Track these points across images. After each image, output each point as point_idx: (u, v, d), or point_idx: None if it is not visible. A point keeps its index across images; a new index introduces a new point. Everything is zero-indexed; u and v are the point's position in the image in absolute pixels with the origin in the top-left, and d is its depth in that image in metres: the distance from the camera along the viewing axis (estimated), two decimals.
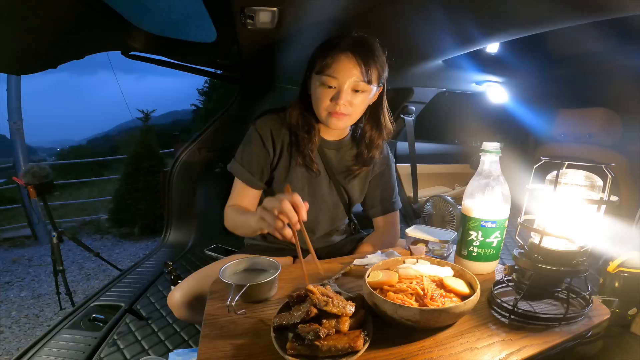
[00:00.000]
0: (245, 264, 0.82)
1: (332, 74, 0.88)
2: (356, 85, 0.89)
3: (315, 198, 1.05)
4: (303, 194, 1.03)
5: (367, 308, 0.63)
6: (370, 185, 1.11)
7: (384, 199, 1.12)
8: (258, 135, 1.00)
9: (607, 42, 1.77)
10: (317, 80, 0.91)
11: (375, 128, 1.03)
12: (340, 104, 0.89)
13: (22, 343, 2.21)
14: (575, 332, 0.62)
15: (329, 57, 0.88)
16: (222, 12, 1.16)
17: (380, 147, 1.06)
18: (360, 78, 0.88)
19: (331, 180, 1.07)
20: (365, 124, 1.04)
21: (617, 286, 0.79)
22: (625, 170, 1.94)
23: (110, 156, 9.01)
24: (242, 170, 1.01)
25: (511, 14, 1.11)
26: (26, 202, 4.07)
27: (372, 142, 1.04)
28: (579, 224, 0.68)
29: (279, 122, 1.01)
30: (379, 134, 1.04)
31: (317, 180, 1.05)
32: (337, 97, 0.89)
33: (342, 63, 0.88)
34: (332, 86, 0.90)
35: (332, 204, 1.09)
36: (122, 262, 3.51)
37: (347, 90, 0.89)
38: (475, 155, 0.87)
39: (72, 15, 1.05)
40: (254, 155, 1.00)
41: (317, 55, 0.92)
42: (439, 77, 2.11)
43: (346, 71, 0.88)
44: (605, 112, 2.16)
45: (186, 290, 0.92)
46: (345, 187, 1.08)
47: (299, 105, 1.00)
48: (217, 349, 0.58)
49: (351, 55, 0.88)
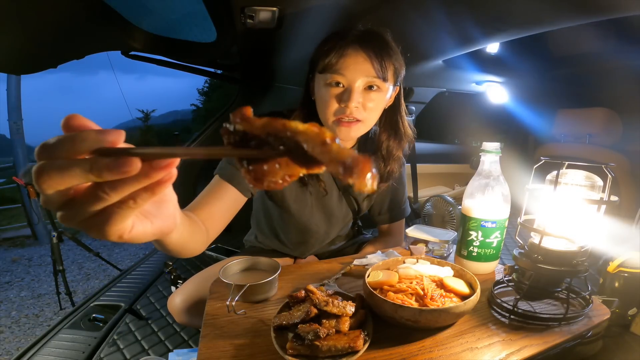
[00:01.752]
0: (245, 264, 0.82)
1: (338, 70, 0.74)
2: (369, 82, 0.75)
3: (326, 214, 0.98)
4: (313, 210, 0.96)
5: (367, 308, 0.63)
6: (380, 193, 1.01)
7: (392, 207, 1.04)
8: None
9: (607, 42, 1.78)
10: (321, 80, 0.77)
11: (394, 137, 0.88)
12: (352, 106, 0.74)
13: (22, 343, 2.21)
14: (575, 332, 0.62)
15: (334, 52, 0.74)
16: (222, 12, 1.16)
17: (399, 160, 0.91)
18: (372, 74, 0.74)
19: (341, 192, 0.97)
20: (382, 133, 0.88)
21: (617, 286, 0.79)
22: (625, 170, 1.94)
23: None
24: (228, 166, 0.80)
25: (511, 14, 1.11)
26: (26, 202, 4.07)
27: (390, 154, 0.88)
28: (579, 224, 0.68)
29: None
30: (399, 144, 0.88)
31: (327, 196, 0.96)
32: (347, 98, 0.74)
33: (350, 57, 0.74)
34: (339, 83, 0.75)
35: (342, 215, 1.01)
36: (122, 262, 3.51)
37: (359, 89, 0.75)
38: (475, 155, 0.87)
39: (72, 15, 1.05)
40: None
41: (320, 51, 0.78)
42: (439, 77, 2.11)
43: (355, 66, 0.73)
44: (605, 112, 2.16)
45: (186, 294, 0.90)
46: (356, 198, 0.99)
47: (302, 113, 0.85)
48: (217, 349, 0.58)
49: (360, 49, 0.74)
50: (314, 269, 0.88)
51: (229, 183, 0.79)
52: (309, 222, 0.98)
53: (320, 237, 1.03)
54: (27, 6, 0.94)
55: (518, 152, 2.64)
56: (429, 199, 1.72)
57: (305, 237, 1.02)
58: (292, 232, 1.02)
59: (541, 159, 0.71)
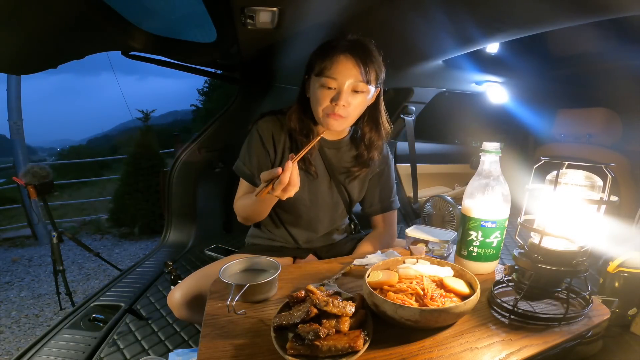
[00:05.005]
0: (245, 264, 0.82)
1: (331, 75, 0.89)
2: (355, 85, 0.90)
3: (316, 197, 1.07)
4: (304, 193, 1.05)
5: (367, 308, 0.63)
6: (369, 184, 1.12)
7: (382, 198, 1.13)
8: (258, 136, 1.02)
9: (607, 42, 1.77)
10: (316, 82, 0.92)
11: (375, 129, 1.04)
12: (340, 104, 0.90)
13: (22, 343, 2.21)
14: (575, 332, 0.62)
15: (328, 59, 0.90)
16: (222, 12, 1.16)
17: (379, 148, 1.07)
18: (359, 78, 0.90)
19: (331, 180, 1.08)
20: (365, 126, 1.05)
21: (617, 286, 0.79)
22: (625, 170, 1.94)
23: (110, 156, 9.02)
24: (245, 169, 1.03)
25: (511, 14, 1.11)
26: (26, 202, 4.07)
27: (371, 144, 1.05)
28: (578, 224, 0.68)
29: (279, 125, 1.03)
30: (378, 135, 1.05)
31: (317, 180, 1.06)
32: (337, 98, 0.90)
33: (342, 64, 0.89)
34: (331, 87, 0.91)
35: (333, 202, 1.10)
36: (122, 262, 3.51)
37: (347, 90, 0.90)
38: (475, 155, 0.87)
39: (72, 15, 1.06)
40: (255, 155, 1.02)
41: (315, 58, 0.94)
42: (439, 77, 2.11)
43: (345, 71, 0.89)
44: (605, 112, 2.16)
45: (186, 290, 0.92)
46: (345, 187, 1.09)
47: (298, 109, 1.01)
48: (217, 349, 0.58)
49: (350, 56, 0.89)
50: (314, 269, 0.88)
51: (251, 184, 1.03)
52: (296, 203, 1.06)
53: (310, 221, 1.09)
54: (27, 6, 0.94)
55: (518, 152, 2.64)
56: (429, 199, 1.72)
57: (297, 220, 1.10)
58: (282, 214, 1.11)
59: (541, 159, 0.71)
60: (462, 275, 0.69)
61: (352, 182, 1.09)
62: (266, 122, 1.03)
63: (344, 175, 1.08)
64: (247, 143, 1.05)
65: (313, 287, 0.64)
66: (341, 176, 1.08)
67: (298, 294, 0.63)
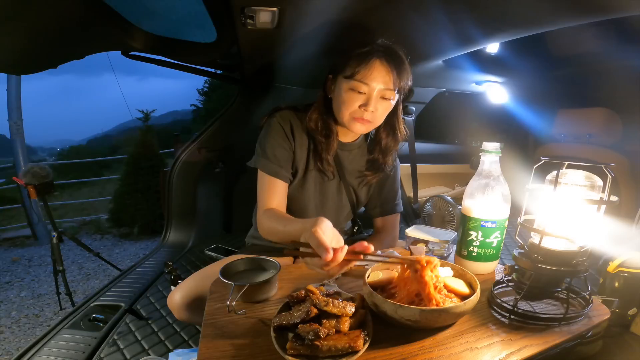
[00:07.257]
0: (245, 264, 0.82)
1: (363, 79, 0.88)
2: (384, 93, 0.89)
3: (326, 198, 1.06)
4: (315, 194, 1.04)
5: (367, 308, 0.63)
6: (375, 186, 1.12)
7: (386, 201, 1.12)
8: (280, 127, 0.98)
9: (607, 42, 1.77)
10: (345, 85, 0.91)
11: (392, 135, 1.04)
12: (369, 110, 0.89)
13: (22, 343, 2.21)
14: (575, 332, 0.62)
15: (363, 63, 0.88)
16: (222, 12, 1.16)
17: (394, 154, 1.07)
18: (389, 86, 0.89)
19: (341, 181, 1.07)
20: (382, 131, 1.03)
21: (617, 286, 0.79)
22: (625, 170, 1.94)
23: (110, 156, 9.02)
24: (268, 163, 0.97)
25: (511, 14, 1.11)
26: (26, 202, 4.07)
27: (388, 149, 1.04)
28: (578, 224, 0.68)
29: (298, 121, 1.00)
30: (395, 141, 1.04)
31: (328, 182, 1.05)
32: (366, 104, 0.89)
33: (376, 70, 0.88)
34: (362, 92, 0.89)
35: (339, 204, 1.09)
36: (122, 262, 3.52)
37: (376, 96, 0.90)
38: (475, 155, 0.87)
39: (72, 15, 1.05)
40: (278, 147, 0.97)
41: (347, 60, 0.91)
42: (439, 77, 2.11)
43: (379, 78, 0.88)
44: (605, 112, 2.16)
45: (186, 291, 0.92)
46: (355, 189, 1.08)
47: (319, 109, 0.99)
48: (217, 349, 0.58)
49: (385, 63, 0.88)
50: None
51: (276, 178, 0.97)
52: (307, 204, 1.05)
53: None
54: (27, 6, 0.94)
55: (518, 152, 2.63)
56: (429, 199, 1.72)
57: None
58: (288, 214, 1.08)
59: (541, 159, 0.71)
60: (462, 276, 0.69)
61: (364, 186, 1.08)
62: (285, 114, 1.00)
63: (356, 179, 1.07)
64: (266, 135, 0.99)
65: (313, 287, 0.64)
66: (352, 179, 1.07)
67: (298, 294, 0.63)
